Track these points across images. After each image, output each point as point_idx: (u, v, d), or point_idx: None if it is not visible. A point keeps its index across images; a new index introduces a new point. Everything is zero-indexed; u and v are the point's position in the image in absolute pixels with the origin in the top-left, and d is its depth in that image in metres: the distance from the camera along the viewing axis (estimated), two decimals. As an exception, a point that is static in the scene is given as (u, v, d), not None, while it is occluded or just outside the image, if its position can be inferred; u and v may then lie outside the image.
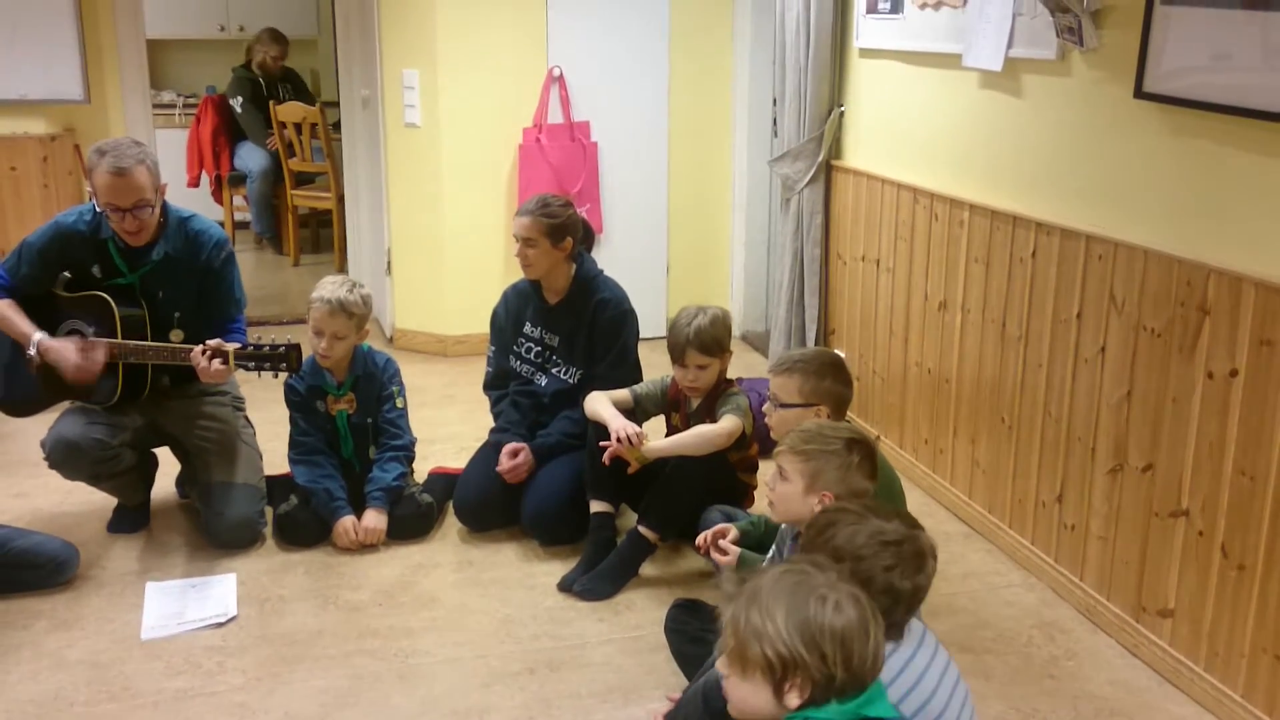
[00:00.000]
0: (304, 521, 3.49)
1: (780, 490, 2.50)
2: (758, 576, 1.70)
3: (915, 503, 3.51)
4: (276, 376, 3.31)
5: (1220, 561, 2.70)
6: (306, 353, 3.44)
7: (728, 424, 3.22)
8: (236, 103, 7.29)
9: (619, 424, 3.25)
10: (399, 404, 3.60)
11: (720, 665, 1.71)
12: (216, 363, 3.19)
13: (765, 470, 2.91)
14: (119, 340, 3.26)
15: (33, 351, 3.25)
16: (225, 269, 3.44)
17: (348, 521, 3.46)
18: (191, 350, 3.22)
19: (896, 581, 1.94)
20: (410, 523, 3.56)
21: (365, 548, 3.48)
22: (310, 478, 3.51)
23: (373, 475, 3.53)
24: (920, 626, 2.07)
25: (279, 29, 7.49)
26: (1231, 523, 2.66)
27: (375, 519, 3.48)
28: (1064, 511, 3.26)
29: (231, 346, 3.24)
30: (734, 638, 1.64)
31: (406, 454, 3.61)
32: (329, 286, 3.46)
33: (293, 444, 3.56)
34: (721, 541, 2.86)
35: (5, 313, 3.31)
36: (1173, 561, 2.85)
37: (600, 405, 3.36)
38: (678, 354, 3.35)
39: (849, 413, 3.13)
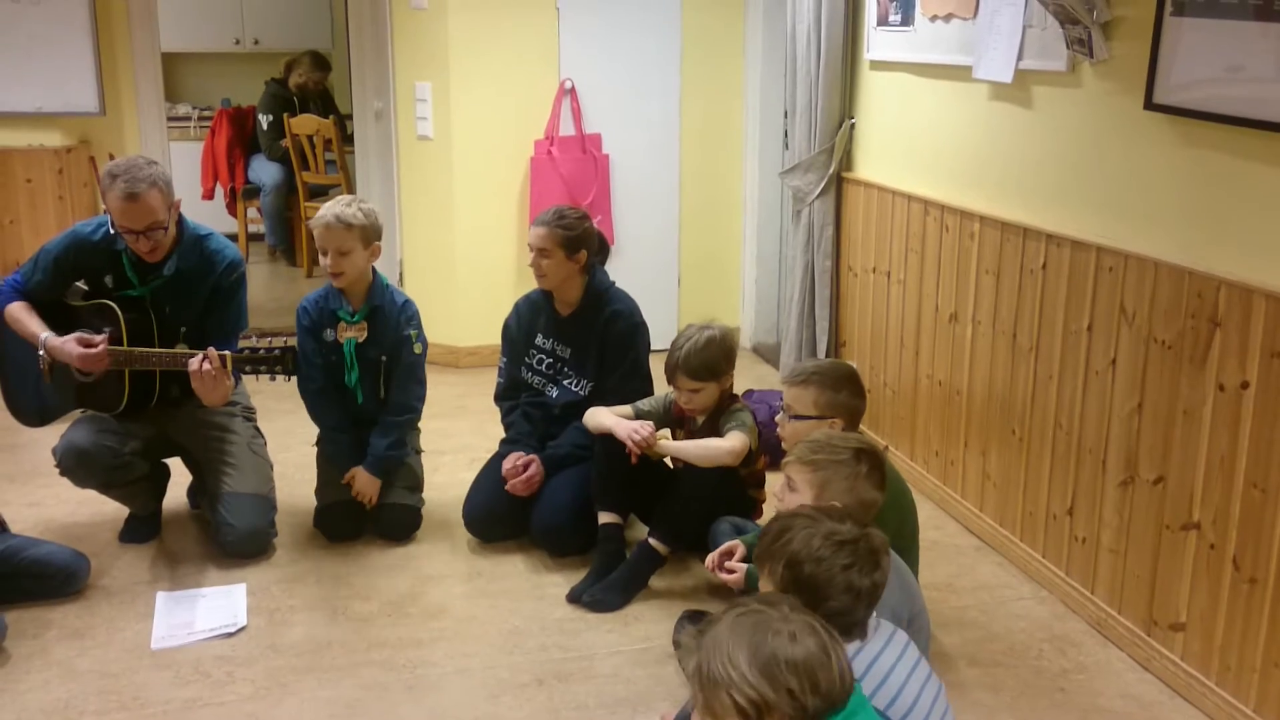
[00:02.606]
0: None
1: (789, 501, 2.49)
2: (714, 624, 1.66)
3: (926, 515, 3.51)
4: (274, 380, 3.32)
5: (1232, 575, 2.68)
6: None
7: (735, 442, 3.19)
8: (265, 119, 7.32)
9: (625, 428, 3.25)
10: (416, 349, 3.58)
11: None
12: (206, 365, 3.18)
13: (773, 482, 2.92)
14: (125, 349, 3.28)
15: (41, 350, 3.28)
16: (234, 290, 3.46)
17: (352, 473, 3.57)
18: (190, 357, 3.22)
19: (855, 579, 1.98)
20: (396, 528, 3.63)
21: (376, 547, 3.54)
22: (328, 424, 3.62)
23: (371, 438, 3.59)
24: (889, 626, 2.09)
25: (318, 51, 7.58)
26: (1243, 536, 2.64)
27: (367, 483, 3.56)
28: (1075, 524, 3.25)
29: (229, 353, 3.25)
30: (701, 692, 1.61)
31: (409, 417, 3.63)
32: (326, 206, 3.46)
33: (301, 376, 3.54)
34: (728, 562, 2.87)
35: (18, 314, 3.35)
36: (1184, 575, 2.83)
37: (602, 416, 3.37)
38: (670, 376, 3.35)
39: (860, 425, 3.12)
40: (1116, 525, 3.07)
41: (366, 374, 3.59)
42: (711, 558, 2.91)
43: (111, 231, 3.32)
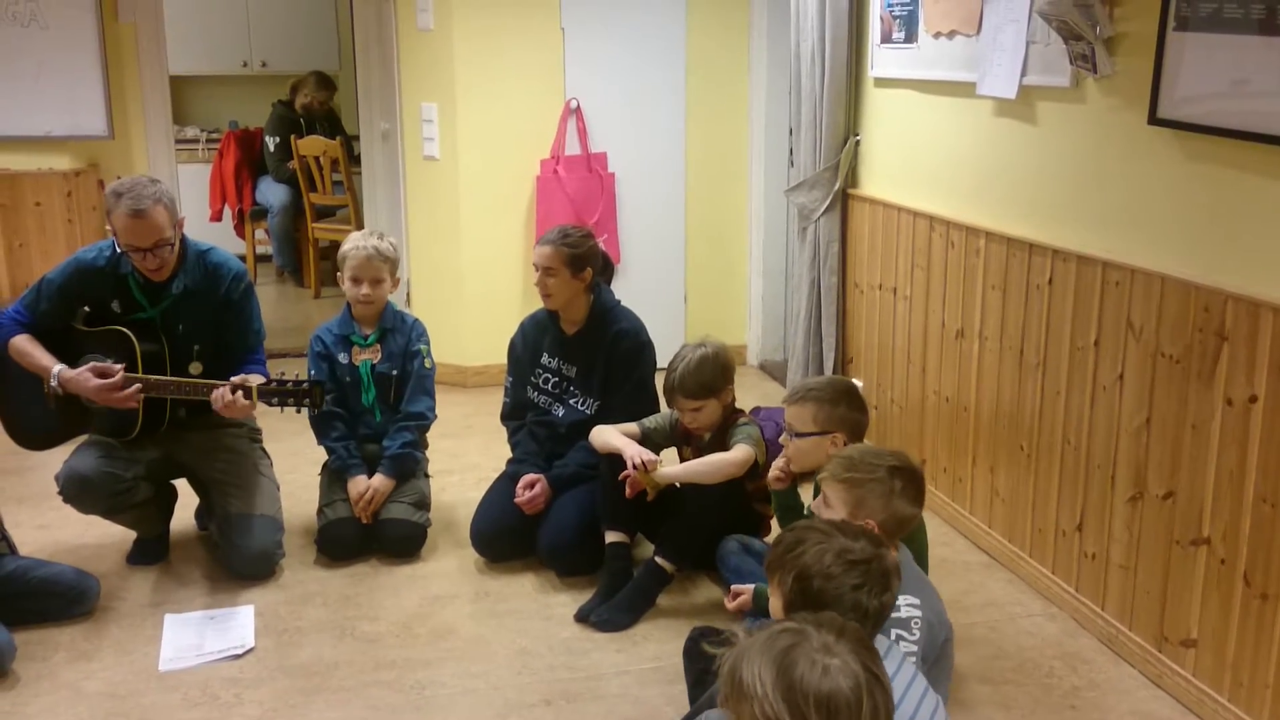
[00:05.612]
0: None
1: (824, 516, 2.49)
2: (760, 629, 1.66)
3: (934, 532, 3.50)
4: (299, 412, 3.33)
5: (1243, 590, 2.66)
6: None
7: (740, 454, 3.21)
8: (272, 141, 7.35)
9: (633, 449, 3.25)
10: (427, 364, 3.75)
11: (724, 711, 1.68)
12: (240, 397, 3.21)
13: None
14: (140, 375, 3.28)
15: (54, 384, 3.27)
16: (244, 301, 3.47)
17: (362, 480, 3.61)
18: (214, 387, 3.23)
19: (864, 600, 1.96)
20: (399, 544, 3.63)
21: (383, 567, 3.53)
22: (328, 439, 3.69)
23: (384, 442, 3.69)
24: (885, 642, 2.07)
25: (323, 71, 7.63)
26: (1254, 551, 2.63)
27: (379, 481, 3.62)
28: (1084, 540, 3.23)
29: (255, 381, 3.26)
30: (728, 690, 1.60)
31: (419, 423, 3.73)
32: (358, 237, 3.69)
33: None
34: (735, 585, 2.90)
35: (24, 346, 3.33)
36: (1195, 590, 2.82)
37: (610, 435, 3.37)
38: (668, 398, 3.36)
39: (865, 439, 3.11)
40: (1126, 541, 3.06)
41: (382, 393, 3.70)
42: (727, 599, 2.95)
43: (114, 254, 3.32)
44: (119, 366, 3.24)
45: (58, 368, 3.28)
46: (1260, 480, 2.59)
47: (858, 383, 3.59)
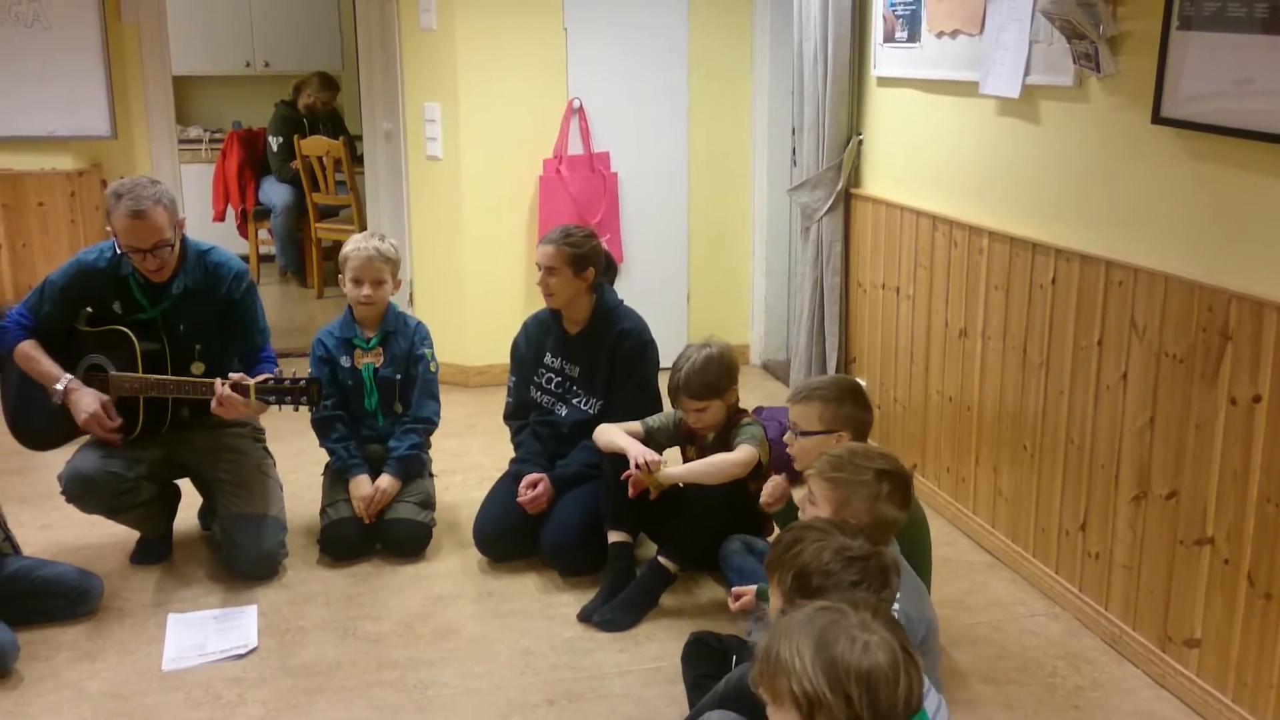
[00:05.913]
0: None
1: (810, 513, 2.49)
2: (795, 610, 1.68)
3: (938, 532, 3.49)
4: (297, 409, 3.33)
5: (1247, 590, 2.66)
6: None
7: (743, 454, 3.20)
8: (275, 141, 7.36)
9: (637, 449, 3.25)
10: (432, 368, 3.76)
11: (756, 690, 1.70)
12: (228, 392, 3.20)
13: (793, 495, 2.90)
14: (141, 375, 3.28)
15: (59, 388, 3.28)
16: (247, 300, 3.47)
17: (364, 481, 3.60)
18: (214, 384, 3.23)
19: (863, 596, 1.95)
20: (404, 544, 3.63)
21: (386, 567, 3.53)
22: (329, 440, 3.68)
23: (391, 444, 3.68)
24: None
25: (325, 71, 7.64)
26: (1258, 551, 2.62)
27: (386, 482, 3.62)
28: (1088, 540, 3.23)
29: (253, 380, 3.26)
30: (764, 667, 1.62)
31: (426, 426, 3.74)
32: (360, 239, 3.71)
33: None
34: (736, 588, 2.90)
35: (30, 353, 3.34)
36: (1199, 590, 2.81)
37: (614, 434, 3.37)
38: (673, 398, 3.36)
39: (870, 439, 3.11)
40: (1130, 541, 3.05)
41: (385, 397, 3.70)
42: (730, 600, 2.95)
43: (115, 255, 3.33)
44: (119, 421, 3.29)
45: (63, 382, 3.29)
46: (1264, 480, 2.59)
47: (862, 382, 3.59)
